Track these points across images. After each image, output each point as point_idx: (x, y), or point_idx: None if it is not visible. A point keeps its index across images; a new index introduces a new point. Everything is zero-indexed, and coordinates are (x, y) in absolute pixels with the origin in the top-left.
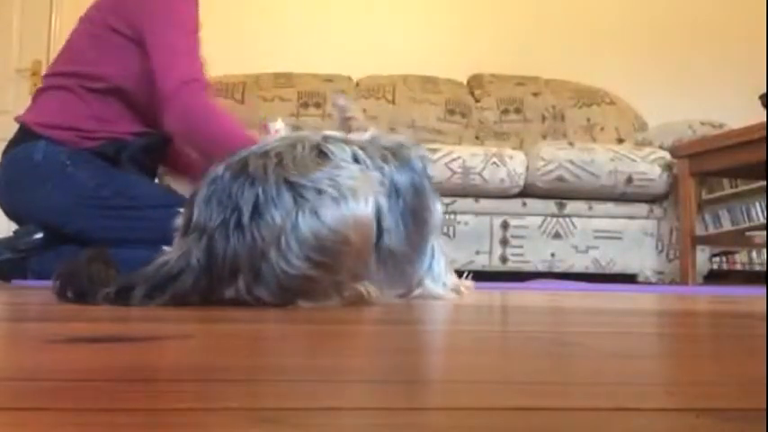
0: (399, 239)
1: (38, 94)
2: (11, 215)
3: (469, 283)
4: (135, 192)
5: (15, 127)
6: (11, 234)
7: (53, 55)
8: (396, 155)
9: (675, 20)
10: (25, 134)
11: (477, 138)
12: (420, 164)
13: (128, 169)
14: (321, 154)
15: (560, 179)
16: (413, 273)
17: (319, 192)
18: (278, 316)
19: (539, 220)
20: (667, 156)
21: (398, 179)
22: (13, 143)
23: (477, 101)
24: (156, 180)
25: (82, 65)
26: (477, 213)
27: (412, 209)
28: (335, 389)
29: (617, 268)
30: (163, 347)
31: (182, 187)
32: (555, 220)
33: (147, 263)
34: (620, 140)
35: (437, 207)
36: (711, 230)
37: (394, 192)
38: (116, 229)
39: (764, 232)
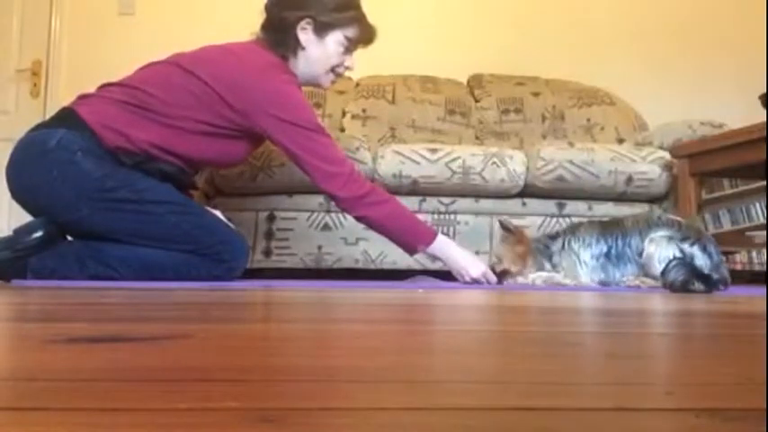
0: None
1: (101, 97)
2: (16, 197)
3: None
4: (140, 186)
5: (15, 127)
6: (11, 234)
7: (53, 55)
8: None
9: (676, 20)
10: (63, 119)
11: (477, 138)
12: None
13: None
14: None
15: (560, 179)
16: None
17: None
18: (277, 316)
19: (539, 220)
20: (667, 156)
21: None
22: (40, 126)
23: (477, 101)
24: None
25: (171, 102)
26: (477, 213)
27: None
28: (335, 389)
29: None
30: (163, 347)
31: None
32: (555, 220)
33: (147, 261)
34: (620, 140)
35: None
36: (711, 230)
37: None
38: (117, 221)
39: (764, 232)
